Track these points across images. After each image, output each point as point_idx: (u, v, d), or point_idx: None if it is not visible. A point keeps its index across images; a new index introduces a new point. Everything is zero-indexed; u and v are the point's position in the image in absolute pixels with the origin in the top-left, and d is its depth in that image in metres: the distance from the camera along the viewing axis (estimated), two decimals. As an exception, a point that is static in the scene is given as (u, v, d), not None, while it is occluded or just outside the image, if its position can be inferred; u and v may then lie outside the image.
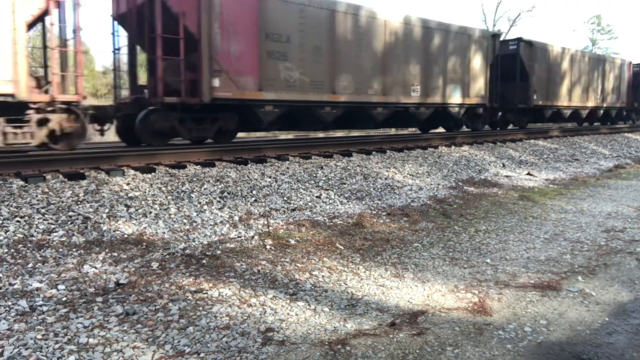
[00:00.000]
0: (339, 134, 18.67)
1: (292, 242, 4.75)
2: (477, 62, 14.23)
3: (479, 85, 14.32)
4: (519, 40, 16.51)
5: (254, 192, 6.23)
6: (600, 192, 8.33)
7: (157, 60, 8.54)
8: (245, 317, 3.18)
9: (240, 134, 15.11)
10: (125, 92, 10.07)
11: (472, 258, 4.61)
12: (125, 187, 5.69)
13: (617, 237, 5.36)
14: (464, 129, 15.61)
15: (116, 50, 9.99)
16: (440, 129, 16.31)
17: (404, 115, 12.80)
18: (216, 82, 8.74)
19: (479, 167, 9.79)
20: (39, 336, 2.81)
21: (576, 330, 3.10)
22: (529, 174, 9.87)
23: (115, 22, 10.00)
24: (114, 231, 4.70)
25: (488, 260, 4.53)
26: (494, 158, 10.85)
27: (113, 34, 9.99)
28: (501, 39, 16.74)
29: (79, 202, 5.14)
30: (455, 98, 13.60)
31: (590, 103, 20.13)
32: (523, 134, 14.38)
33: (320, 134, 17.60)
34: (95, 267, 3.90)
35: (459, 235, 5.37)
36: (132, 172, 6.19)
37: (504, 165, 10.43)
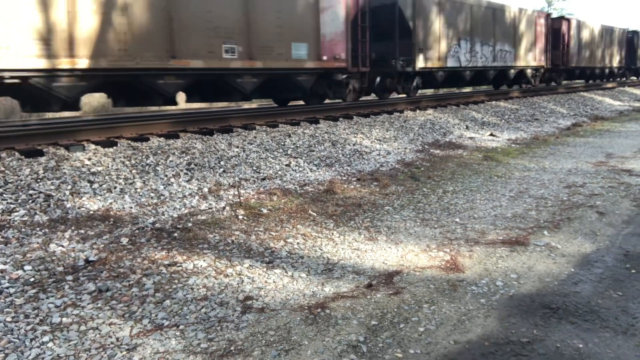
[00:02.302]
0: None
1: (265, 211, 4.71)
2: (331, 13, 10.68)
3: (336, 43, 10.85)
4: None
5: (222, 162, 6.13)
6: (560, 149, 8.60)
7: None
8: (223, 287, 3.16)
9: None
10: None
11: (441, 218, 4.70)
12: (87, 162, 5.48)
13: (578, 192, 5.57)
14: (327, 101, 11.95)
15: None
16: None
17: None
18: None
19: (443, 129, 9.91)
20: (9, 319, 2.71)
21: (545, 282, 3.22)
22: (491, 134, 10.07)
23: None
24: (79, 208, 4.55)
25: (457, 220, 4.63)
26: (458, 120, 11.00)
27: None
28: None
29: (38, 180, 4.93)
30: (301, 62, 10.06)
31: (499, 62, 17.36)
32: (485, 95, 14.60)
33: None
34: (62, 246, 3.77)
35: (428, 197, 5.46)
36: (92, 146, 5.96)
37: (467, 127, 10.60)
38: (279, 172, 6.20)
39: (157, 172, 5.49)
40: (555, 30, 21.41)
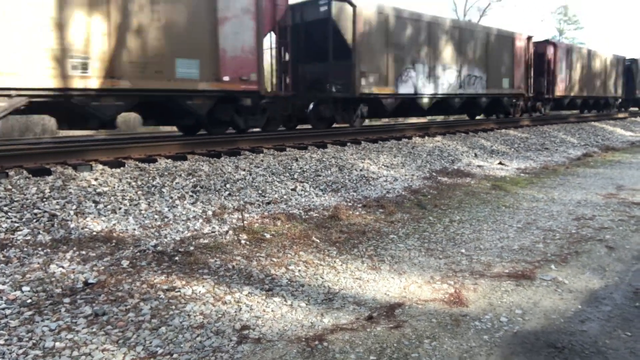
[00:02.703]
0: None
1: (268, 236, 4.67)
2: (235, 25, 8.91)
3: (242, 61, 9.12)
4: None
5: (228, 185, 6.12)
6: (570, 180, 8.50)
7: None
8: (220, 315, 3.10)
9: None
10: None
11: (447, 248, 4.63)
12: (94, 182, 5.51)
13: (587, 224, 5.47)
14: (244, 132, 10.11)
15: None
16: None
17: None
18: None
19: (452, 157, 9.87)
20: (2, 341, 2.68)
21: (550, 319, 3.13)
22: (500, 163, 10.01)
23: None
24: (82, 228, 4.54)
25: (463, 250, 4.55)
26: (467, 148, 10.96)
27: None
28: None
29: (44, 199, 4.95)
30: (191, 82, 8.40)
31: (467, 89, 15.05)
32: (494, 123, 14.56)
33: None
34: (63, 267, 3.76)
35: (434, 226, 5.39)
36: (100, 166, 6.00)
37: (476, 155, 10.55)
38: (285, 197, 6.18)
39: (162, 194, 5.49)
40: (540, 55, 19.58)
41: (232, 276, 3.72)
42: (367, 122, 14.16)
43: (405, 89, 12.86)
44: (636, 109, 30.91)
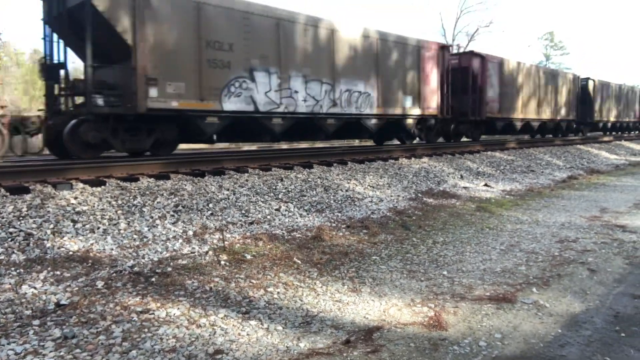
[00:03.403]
0: (303, 145, 18.49)
1: (248, 257, 4.61)
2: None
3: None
4: None
5: (211, 205, 6.06)
6: (555, 202, 8.55)
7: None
8: (194, 339, 3.02)
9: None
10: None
11: (429, 270, 4.59)
12: (73, 201, 5.42)
13: (570, 247, 5.47)
14: None
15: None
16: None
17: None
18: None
19: (438, 178, 9.90)
20: (-37, 366, 2.58)
21: (530, 344, 3.09)
22: (486, 185, 10.05)
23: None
24: (58, 248, 4.45)
25: (445, 273, 4.52)
26: (453, 169, 11.01)
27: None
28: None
29: (21, 218, 4.85)
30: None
31: (345, 108, 12.16)
32: (481, 146, 14.69)
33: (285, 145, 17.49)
34: (35, 287, 3.66)
35: (417, 247, 5.36)
36: (80, 185, 5.92)
37: (462, 177, 10.59)
38: (268, 217, 6.13)
39: (143, 214, 5.41)
40: (463, 70, 17.06)
41: (208, 298, 3.64)
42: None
43: (237, 104, 9.79)
44: (597, 133, 28.57)
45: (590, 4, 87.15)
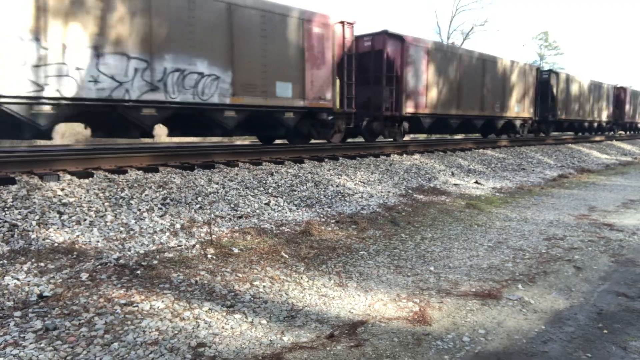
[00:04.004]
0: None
1: (236, 250, 4.59)
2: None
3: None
4: None
5: (199, 198, 6.03)
6: (544, 200, 8.59)
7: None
8: (177, 332, 3.00)
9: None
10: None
11: (416, 266, 4.59)
12: (60, 192, 5.37)
13: (558, 244, 5.50)
14: None
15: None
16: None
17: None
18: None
19: (429, 175, 9.91)
20: (-60, 357, 2.55)
21: (513, 340, 3.10)
22: (476, 182, 10.08)
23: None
24: (43, 239, 4.41)
25: (432, 268, 4.53)
26: (444, 167, 11.03)
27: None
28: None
29: (6, 209, 4.80)
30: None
31: (188, 96, 9.00)
32: (473, 143, 14.73)
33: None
34: (18, 279, 3.62)
35: (405, 243, 5.36)
36: (68, 176, 5.87)
37: (453, 174, 10.62)
38: (257, 211, 6.11)
39: (130, 206, 5.38)
40: (377, 54, 13.66)
41: (193, 291, 3.62)
42: None
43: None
44: (568, 133, 26.44)
45: (585, 4, 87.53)
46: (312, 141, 12.68)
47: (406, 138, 17.60)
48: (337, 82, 12.04)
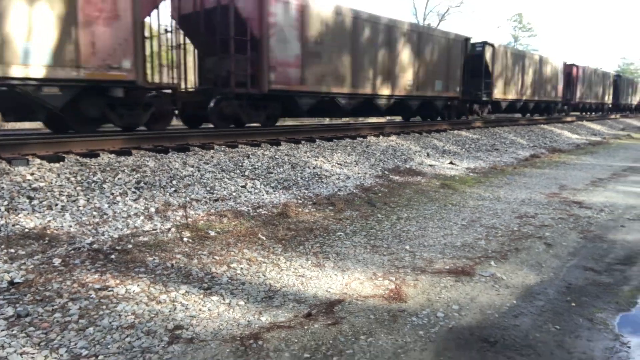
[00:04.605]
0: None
1: (212, 233, 4.57)
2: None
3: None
4: None
5: (174, 182, 5.96)
6: (517, 180, 8.76)
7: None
8: (153, 315, 2.99)
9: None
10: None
11: (392, 245, 4.65)
12: (29, 177, 5.23)
13: (529, 222, 5.63)
14: None
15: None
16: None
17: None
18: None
19: (405, 156, 9.99)
20: None
21: (486, 314, 3.19)
22: (451, 163, 10.21)
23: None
24: (13, 225, 4.31)
25: (407, 247, 4.59)
26: (420, 148, 11.13)
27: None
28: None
29: (-28, 194, 4.66)
30: None
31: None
32: (448, 125, 14.86)
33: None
34: (-13, 266, 3.54)
35: (382, 223, 5.42)
36: (38, 161, 5.71)
37: (428, 155, 10.73)
38: (234, 194, 6.07)
39: (103, 190, 5.28)
40: (224, 10, 10.10)
41: (169, 275, 3.60)
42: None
43: None
44: (504, 115, 22.59)
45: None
46: (289, 122, 12.61)
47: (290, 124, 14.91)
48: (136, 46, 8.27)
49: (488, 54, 19.08)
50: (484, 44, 19.03)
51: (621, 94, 37.52)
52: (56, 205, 4.80)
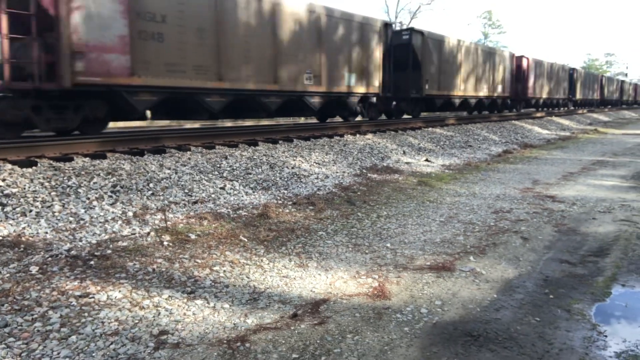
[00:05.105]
0: (248, 122, 17.77)
1: (193, 236, 4.53)
2: None
3: None
4: None
5: (151, 185, 5.88)
6: (491, 175, 8.94)
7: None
8: (137, 321, 2.95)
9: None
10: None
11: (373, 243, 4.70)
12: (1, 183, 5.09)
13: (505, 217, 5.76)
14: None
15: None
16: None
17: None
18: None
19: (381, 154, 10.08)
20: None
21: (468, 309, 3.25)
22: (427, 160, 10.35)
23: None
24: (-14, 234, 4.18)
25: (388, 245, 4.64)
26: (396, 146, 11.24)
27: None
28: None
29: (-59, 203, 4.50)
30: None
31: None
32: (422, 122, 15.03)
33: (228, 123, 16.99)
34: (-40, 276, 3.43)
35: (362, 222, 5.46)
36: (9, 166, 5.55)
37: (404, 153, 10.85)
38: (213, 196, 6.03)
39: (78, 195, 5.17)
40: None
41: (151, 280, 3.55)
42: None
43: None
44: (428, 114, 19.96)
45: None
46: (264, 122, 12.17)
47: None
48: None
49: (417, 43, 16.34)
50: (411, 31, 16.55)
51: (578, 89, 35.26)
52: (30, 211, 4.68)
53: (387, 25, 14.74)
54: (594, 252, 4.51)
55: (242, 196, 6.22)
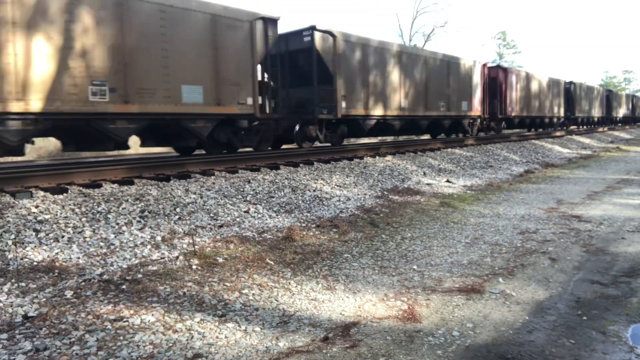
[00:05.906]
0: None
1: (220, 260, 4.58)
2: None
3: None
4: None
5: (178, 209, 5.98)
6: (514, 196, 8.87)
7: None
8: (171, 344, 2.99)
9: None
10: None
11: (399, 265, 4.69)
12: (34, 210, 5.24)
13: (531, 238, 5.70)
14: None
15: None
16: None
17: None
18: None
19: (402, 176, 10.09)
20: None
21: (500, 331, 3.22)
22: (448, 181, 10.32)
23: None
24: (22, 259, 4.30)
25: (415, 267, 4.63)
26: (416, 167, 11.25)
27: None
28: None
29: (-22, 229, 4.65)
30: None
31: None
32: (441, 143, 15.02)
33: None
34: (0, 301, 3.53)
35: (387, 244, 5.46)
36: (41, 193, 5.72)
37: (425, 174, 10.84)
38: (237, 219, 6.10)
39: (108, 220, 5.29)
40: None
41: (183, 303, 3.61)
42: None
43: None
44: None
45: (542, 3, 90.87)
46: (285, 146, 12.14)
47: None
48: None
49: (324, 48, 12.34)
50: (312, 30, 12.12)
51: (576, 106, 30.96)
52: (62, 237, 4.81)
53: (266, 21, 10.67)
54: (625, 273, 4.43)
55: (266, 219, 6.28)
